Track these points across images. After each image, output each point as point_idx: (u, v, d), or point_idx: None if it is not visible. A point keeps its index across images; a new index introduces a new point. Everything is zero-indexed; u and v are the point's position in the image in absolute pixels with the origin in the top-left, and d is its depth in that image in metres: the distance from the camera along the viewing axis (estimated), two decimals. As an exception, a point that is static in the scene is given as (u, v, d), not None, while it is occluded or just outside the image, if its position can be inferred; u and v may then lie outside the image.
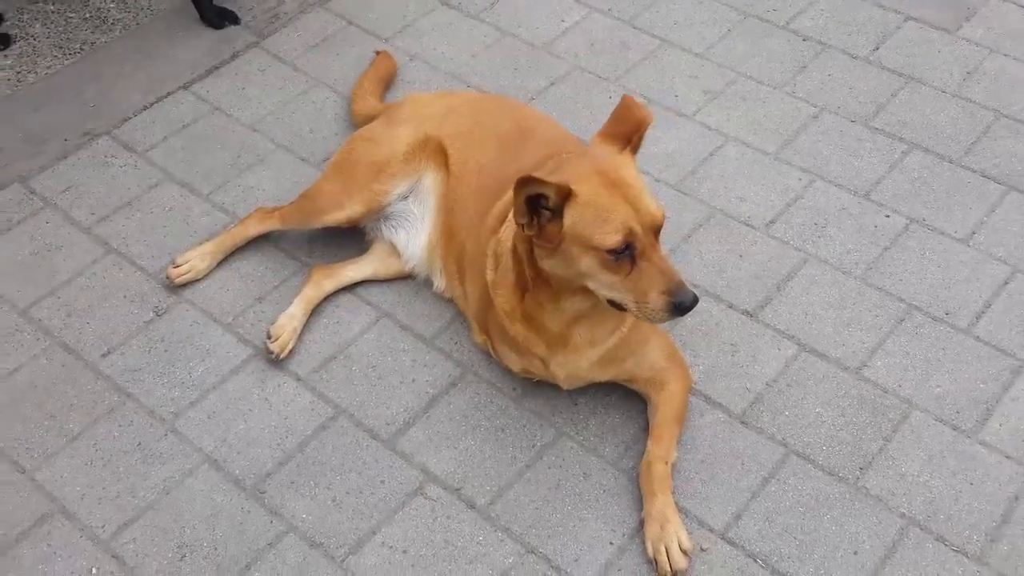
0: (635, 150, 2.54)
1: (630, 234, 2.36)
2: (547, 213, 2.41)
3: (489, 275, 2.78)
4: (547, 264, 2.52)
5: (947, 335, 3.06)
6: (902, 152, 3.55)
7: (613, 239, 2.36)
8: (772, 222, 3.36)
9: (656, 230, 2.42)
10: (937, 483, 2.75)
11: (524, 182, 2.35)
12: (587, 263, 2.42)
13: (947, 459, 2.79)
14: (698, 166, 3.53)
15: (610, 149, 2.51)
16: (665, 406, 2.80)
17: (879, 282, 3.20)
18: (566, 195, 2.38)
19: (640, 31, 4.02)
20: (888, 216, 3.36)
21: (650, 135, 3.54)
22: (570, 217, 2.39)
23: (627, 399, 2.91)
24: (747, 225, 3.35)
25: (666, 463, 2.72)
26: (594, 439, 2.86)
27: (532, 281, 2.61)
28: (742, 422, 2.88)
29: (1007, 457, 2.79)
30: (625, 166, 2.48)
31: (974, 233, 3.31)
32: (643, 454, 2.75)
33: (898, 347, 3.04)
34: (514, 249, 2.62)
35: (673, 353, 2.87)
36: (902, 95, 3.74)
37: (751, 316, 3.12)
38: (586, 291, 2.52)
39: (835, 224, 3.36)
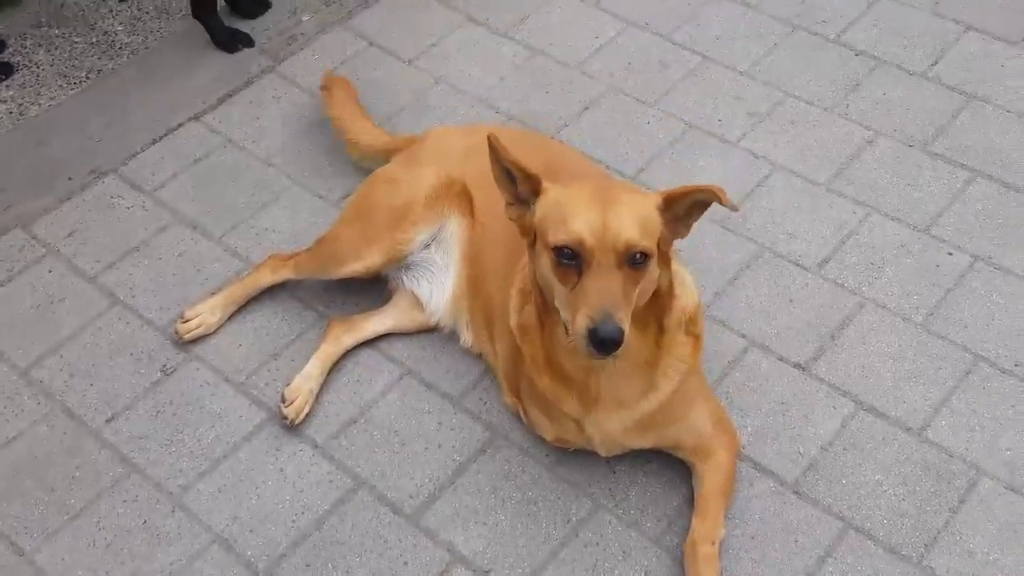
0: (668, 203, 2.27)
1: (579, 242, 2.16)
2: (525, 206, 2.32)
3: (512, 318, 2.55)
4: (536, 273, 2.33)
5: (1017, 389, 2.81)
6: (964, 180, 3.28)
7: (559, 238, 2.18)
8: (825, 261, 3.11)
9: (618, 253, 2.16)
10: (1009, 561, 2.51)
11: (493, 147, 2.26)
12: (544, 264, 2.26)
13: (1019, 533, 2.55)
14: (744, 199, 3.28)
15: (641, 190, 2.32)
16: (711, 478, 2.58)
17: (942, 329, 2.94)
18: (536, 186, 2.28)
19: (679, 47, 3.76)
20: (951, 254, 3.10)
21: (692, 165, 3.38)
22: (539, 211, 2.29)
23: (669, 466, 2.68)
24: (798, 265, 3.11)
25: (713, 543, 2.49)
26: (634, 512, 2.63)
27: (540, 308, 2.40)
28: (795, 492, 2.65)
29: (1089, 531, 2.56)
30: (631, 192, 2.28)
31: (1046, 272, 3.06)
32: (688, 530, 2.54)
33: (964, 404, 2.79)
34: (533, 277, 2.40)
35: (720, 418, 2.64)
36: (963, 116, 3.46)
37: (803, 370, 2.88)
38: None
39: (893, 263, 3.10)
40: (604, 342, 2.12)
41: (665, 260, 2.35)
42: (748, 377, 2.87)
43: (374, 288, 3.04)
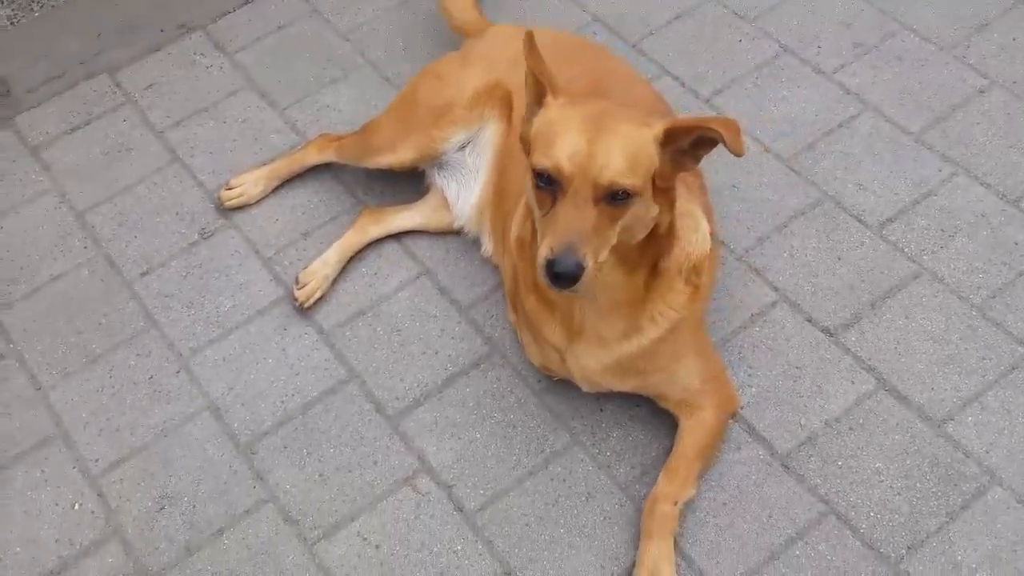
0: (671, 136, 2.07)
1: (557, 168, 2.03)
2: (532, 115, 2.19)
3: (514, 230, 2.45)
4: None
5: (1065, 397, 2.54)
6: (1078, 151, 2.92)
7: (540, 161, 2.06)
8: (890, 221, 2.85)
9: (597, 187, 2.02)
10: (997, 582, 2.32)
11: (526, 46, 2.12)
12: (528, 181, 2.14)
13: (1019, 554, 2.33)
14: (820, 138, 3.02)
15: (644, 119, 2.12)
16: (690, 436, 2.47)
17: (999, 315, 2.67)
18: (541, 96, 2.16)
19: (799, -41, 3.45)
20: (1036, 233, 2.79)
21: (774, 94, 3.14)
22: (536, 123, 2.16)
23: (659, 413, 2.58)
24: (858, 220, 2.86)
25: (675, 503, 2.40)
26: (610, 454, 2.56)
27: (532, 225, 2.27)
28: (784, 465, 2.51)
29: (1095, 566, 2.31)
30: (628, 122, 2.07)
31: None
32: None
33: (998, 402, 2.55)
34: None
35: (714, 375, 2.50)
36: (1100, 76, 3.05)
37: (831, 335, 2.68)
38: None
39: (966, 233, 2.81)
40: (559, 276, 2.02)
41: (667, 199, 2.18)
42: (768, 334, 2.70)
43: (415, 181, 3.00)
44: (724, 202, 2.86)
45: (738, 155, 2.05)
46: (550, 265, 2.01)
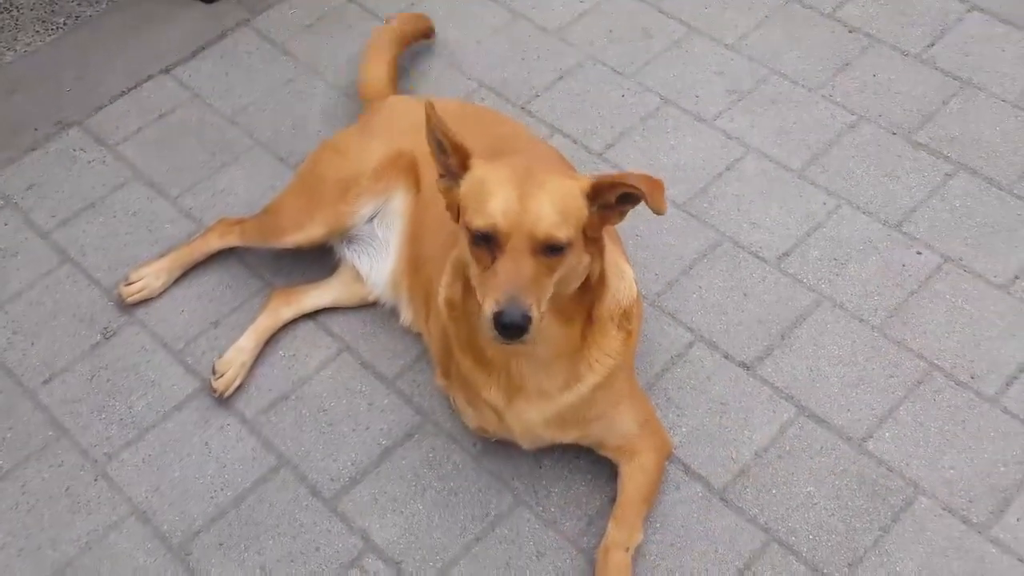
0: (597, 191, 2.15)
1: (493, 225, 2.08)
2: (455, 180, 2.23)
3: (442, 292, 2.46)
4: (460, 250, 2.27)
5: (969, 404, 2.69)
6: (945, 174, 3.12)
7: (476, 221, 2.11)
8: (786, 255, 2.99)
9: (533, 240, 2.08)
10: (936, 588, 2.43)
11: (428, 116, 2.16)
12: (463, 242, 2.19)
13: (951, 560, 2.45)
14: (711, 182, 3.15)
15: (570, 173, 2.24)
16: (632, 481, 2.51)
17: (898, 334, 2.82)
18: (464, 159, 2.20)
19: (666, 16, 3.61)
20: (920, 253, 2.96)
21: (662, 143, 3.26)
22: (464, 185, 2.20)
23: (597, 463, 2.62)
24: (757, 257, 2.99)
25: (626, 549, 2.44)
26: (554, 510, 2.58)
27: (466, 285, 2.31)
28: (722, 499, 2.57)
29: (1021, 561, 2.45)
30: (556, 177, 2.15)
31: (1017, 279, 2.90)
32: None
33: (911, 416, 2.68)
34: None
35: (649, 420, 2.56)
36: (954, 103, 3.28)
37: (748, 369, 2.78)
38: None
39: (857, 260, 2.97)
40: (507, 327, 2.06)
41: (597, 248, 2.25)
42: (690, 374, 2.78)
43: (323, 258, 2.98)
44: (629, 250, 2.93)
45: (659, 213, 2.13)
46: (498, 317, 2.05)
